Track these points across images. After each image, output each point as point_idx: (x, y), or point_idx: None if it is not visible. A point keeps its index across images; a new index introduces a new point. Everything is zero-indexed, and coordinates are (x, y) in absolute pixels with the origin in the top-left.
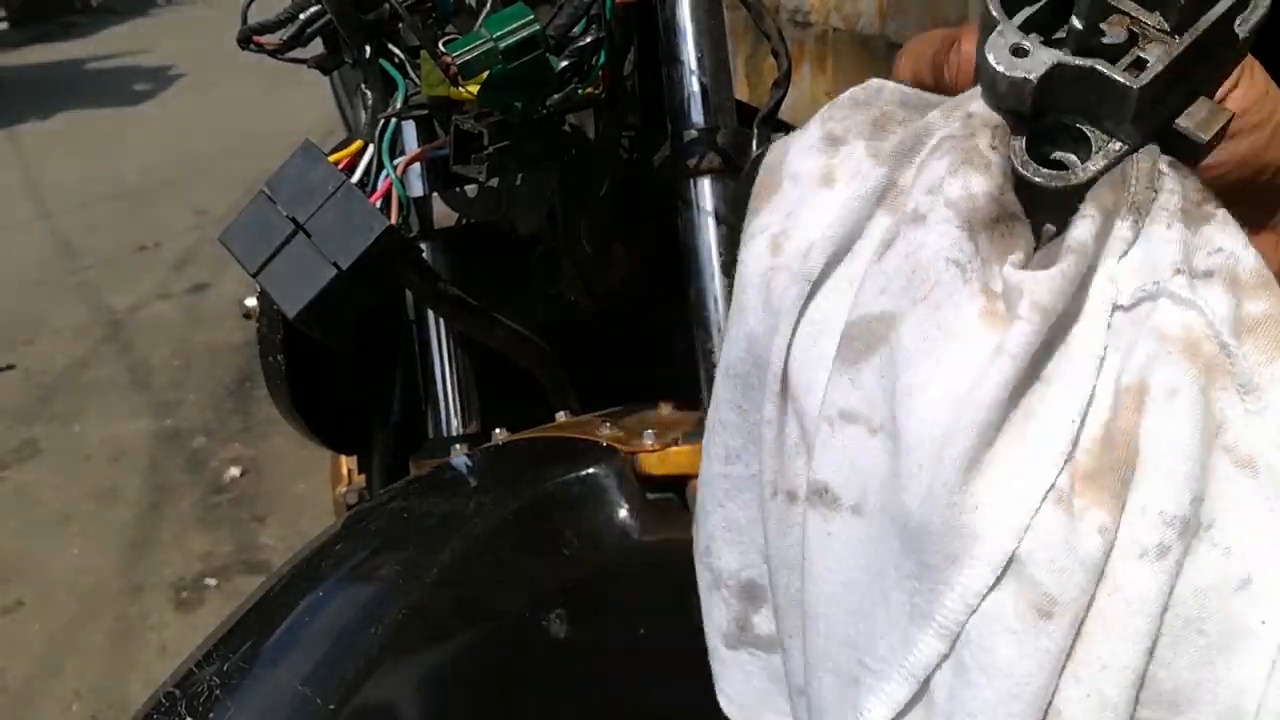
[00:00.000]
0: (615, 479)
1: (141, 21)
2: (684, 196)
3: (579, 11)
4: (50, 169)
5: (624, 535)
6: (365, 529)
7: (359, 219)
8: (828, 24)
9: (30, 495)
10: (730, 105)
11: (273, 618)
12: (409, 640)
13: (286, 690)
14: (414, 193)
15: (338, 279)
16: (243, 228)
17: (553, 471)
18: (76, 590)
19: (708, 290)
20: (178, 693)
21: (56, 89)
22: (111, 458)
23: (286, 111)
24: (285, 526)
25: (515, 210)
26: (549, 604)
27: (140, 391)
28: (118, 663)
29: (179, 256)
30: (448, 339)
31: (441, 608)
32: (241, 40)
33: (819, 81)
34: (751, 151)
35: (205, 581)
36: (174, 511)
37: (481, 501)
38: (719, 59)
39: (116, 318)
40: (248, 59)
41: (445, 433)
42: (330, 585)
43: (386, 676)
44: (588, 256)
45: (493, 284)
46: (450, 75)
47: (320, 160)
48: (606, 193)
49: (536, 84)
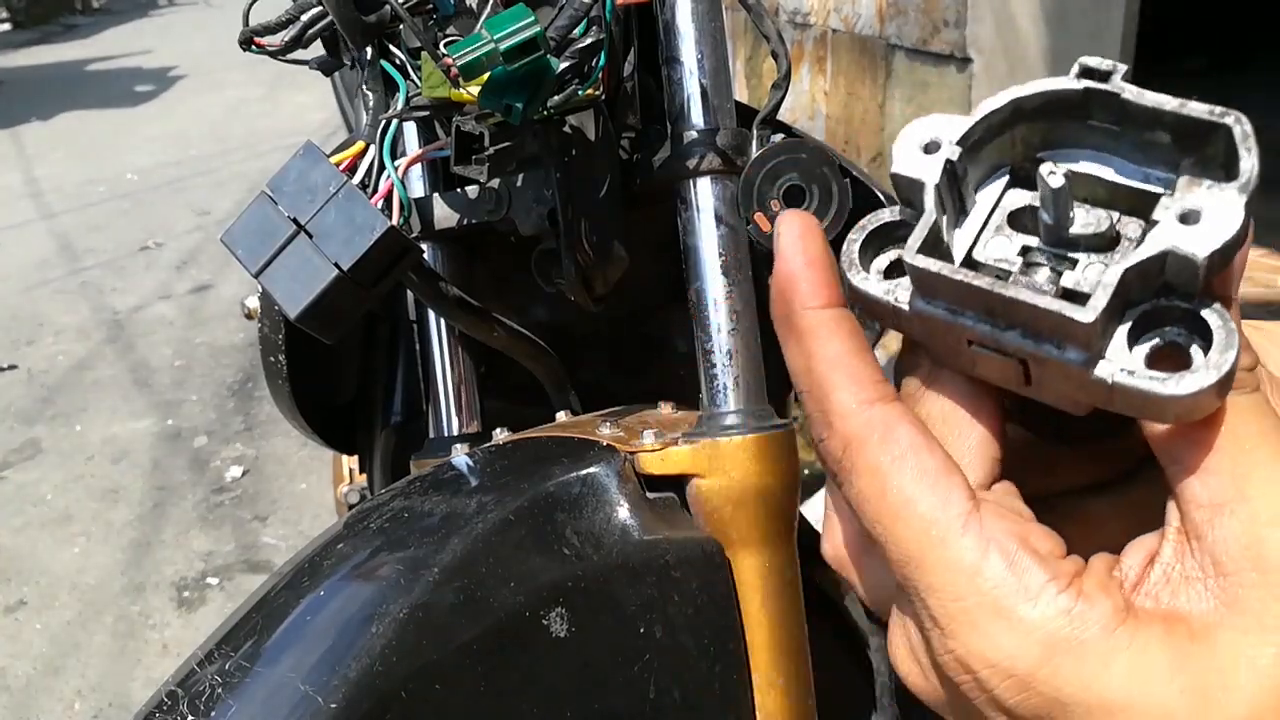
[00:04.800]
0: (615, 479)
1: (143, 23)
2: (684, 197)
3: (579, 13)
4: (52, 169)
5: (624, 535)
6: (367, 528)
7: (360, 220)
8: (827, 25)
9: (32, 495)
10: (730, 106)
11: (274, 617)
12: (410, 639)
13: (288, 689)
14: (415, 193)
15: (339, 279)
16: (244, 228)
17: (553, 471)
18: (79, 589)
19: (708, 290)
20: (180, 691)
21: (58, 90)
22: (113, 458)
23: (288, 113)
24: (287, 526)
25: (515, 210)
26: (549, 603)
27: (142, 391)
28: (120, 662)
29: (181, 257)
30: (448, 339)
31: (443, 607)
32: (243, 42)
33: (819, 82)
34: (751, 152)
35: (207, 581)
36: (176, 511)
37: (482, 501)
38: (718, 60)
39: (118, 318)
40: (249, 60)
41: (446, 432)
42: (332, 584)
43: (388, 675)
44: (588, 256)
45: (493, 284)
46: (451, 76)
47: (322, 161)
48: (606, 193)
49: (537, 85)
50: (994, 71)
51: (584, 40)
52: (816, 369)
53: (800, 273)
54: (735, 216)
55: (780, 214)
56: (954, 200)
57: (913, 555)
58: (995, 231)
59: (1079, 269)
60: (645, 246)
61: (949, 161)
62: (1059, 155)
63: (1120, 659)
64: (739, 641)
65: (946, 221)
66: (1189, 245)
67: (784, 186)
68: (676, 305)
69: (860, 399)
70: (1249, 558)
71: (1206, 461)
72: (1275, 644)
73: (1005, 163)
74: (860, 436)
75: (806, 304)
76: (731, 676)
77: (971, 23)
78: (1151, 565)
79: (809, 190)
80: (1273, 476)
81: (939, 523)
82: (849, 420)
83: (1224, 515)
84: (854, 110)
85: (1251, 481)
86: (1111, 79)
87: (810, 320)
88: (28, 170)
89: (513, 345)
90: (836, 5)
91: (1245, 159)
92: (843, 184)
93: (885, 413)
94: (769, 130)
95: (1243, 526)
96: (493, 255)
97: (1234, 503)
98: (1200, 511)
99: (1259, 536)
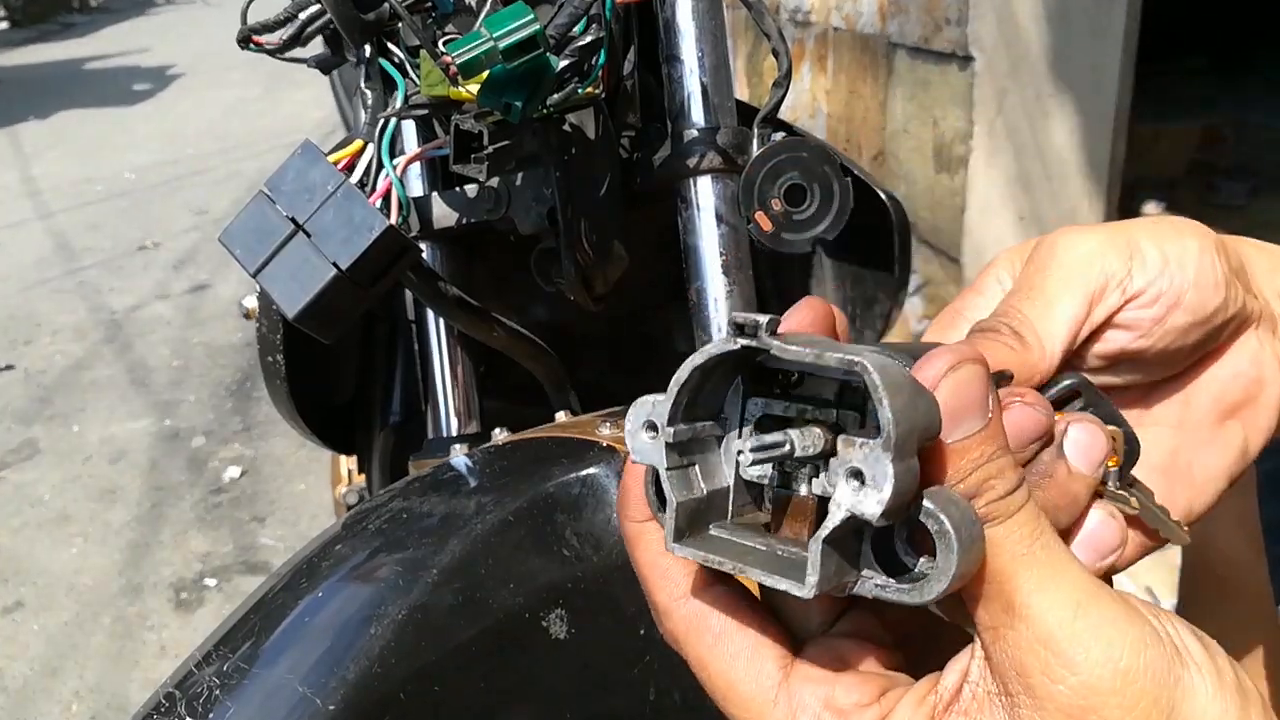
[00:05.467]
0: (615, 479)
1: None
2: (684, 196)
3: (579, 11)
4: (49, 168)
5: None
6: (365, 529)
7: (359, 219)
8: (828, 23)
9: (30, 495)
10: (730, 105)
11: (272, 618)
12: (409, 640)
13: (286, 690)
14: (414, 192)
15: (337, 279)
16: (242, 228)
17: (553, 471)
18: (76, 590)
19: (708, 290)
20: (177, 693)
21: (56, 88)
22: (111, 458)
23: (286, 111)
24: (285, 527)
25: (515, 209)
26: (549, 604)
27: (140, 392)
28: (117, 663)
29: (178, 256)
30: (448, 339)
31: (442, 608)
32: (241, 40)
33: (819, 81)
34: (752, 151)
35: (205, 582)
36: (173, 512)
37: (482, 501)
38: (719, 58)
39: (116, 318)
40: (247, 59)
41: (445, 433)
42: (330, 585)
43: (386, 677)
44: (588, 256)
45: (492, 284)
46: (450, 75)
47: (320, 160)
48: (606, 192)
49: (536, 83)
50: (995, 69)
51: (584, 38)
52: (640, 571)
53: (634, 492)
54: (736, 215)
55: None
56: (700, 449)
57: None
58: (751, 451)
59: (826, 473)
60: (645, 246)
61: (668, 443)
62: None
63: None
64: None
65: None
66: (863, 507)
67: (785, 185)
68: (676, 305)
69: (674, 596)
70: (1020, 683)
71: (981, 589)
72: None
73: (728, 382)
74: (681, 630)
75: (629, 515)
76: None
77: (973, 21)
78: (962, 685)
79: (810, 189)
80: (1030, 602)
81: (755, 699)
82: (670, 618)
83: (999, 640)
84: (855, 109)
85: (1014, 608)
86: (759, 335)
87: (630, 529)
88: (25, 169)
89: (513, 345)
90: (838, 3)
91: (880, 412)
92: (844, 183)
93: (694, 607)
94: (770, 129)
95: (1012, 651)
96: (492, 255)
97: (1004, 628)
98: (985, 634)
99: (1023, 662)
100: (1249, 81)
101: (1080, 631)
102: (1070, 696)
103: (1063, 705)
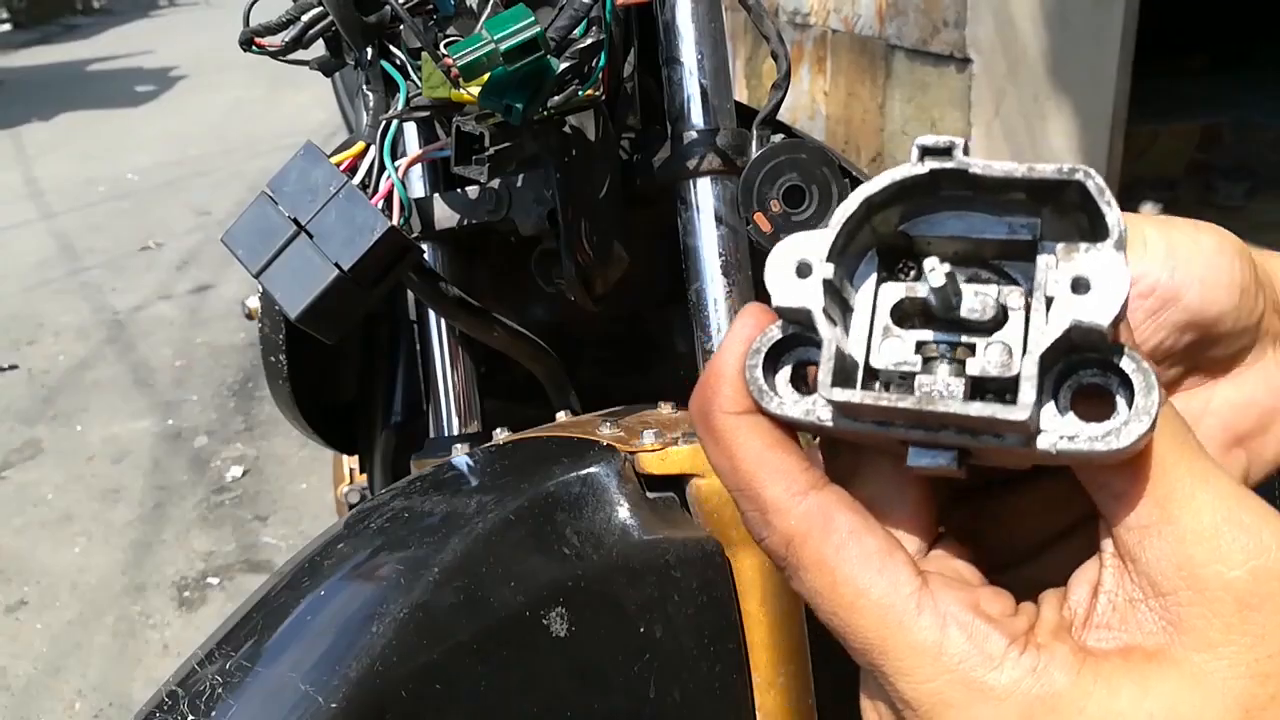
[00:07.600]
0: (615, 479)
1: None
2: (684, 197)
3: (579, 13)
4: (52, 169)
5: (624, 535)
6: (367, 528)
7: (361, 220)
8: (827, 25)
9: (33, 495)
10: (730, 106)
11: (275, 617)
12: (410, 639)
13: (288, 689)
14: (415, 194)
15: (339, 280)
16: (245, 228)
17: (553, 471)
18: (79, 589)
19: (708, 290)
20: (180, 691)
21: (59, 90)
22: (114, 458)
23: (288, 113)
24: (287, 526)
25: (515, 211)
26: (549, 603)
27: (142, 392)
28: (120, 662)
29: (181, 257)
30: (448, 339)
31: (443, 606)
32: (243, 42)
33: (818, 82)
34: (751, 152)
35: (207, 580)
36: (176, 511)
37: (482, 501)
38: (718, 60)
39: (118, 318)
40: (250, 60)
41: (446, 432)
42: (332, 584)
43: (388, 675)
44: (588, 256)
45: (493, 284)
46: (451, 77)
47: (322, 161)
48: (606, 193)
49: (537, 86)
50: (993, 71)
51: (584, 41)
52: (742, 468)
53: (730, 379)
54: (735, 216)
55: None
56: (839, 309)
57: (874, 643)
58: (884, 334)
59: (980, 354)
60: (645, 246)
61: (826, 281)
62: (919, 224)
63: (1092, 702)
64: (739, 641)
65: (839, 334)
66: (1092, 316)
67: (784, 187)
68: (676, 305)
69: (793, 491)
70: (1182, 577)
71: (1130, 486)
72: (1226, 658)
73: (868, 247)
74: (800, 531)
75: (725, 409)
76: (731, 676)
77: (971, 23)
78: (1096, 596)
79: (808, 190)
80: (1192, 494)
81: (894, 607)
82: (786, 516)
83: (1152, 537)
84: (854, 110)
85: (1174, 501)
86: (954, 154)
87: (728, 423)
88: (28, 170)
89: (513, 345)
90: (836, 6)
91: (1109, 214)
92: (842, 184)
93: (820, 501)
94: (769, 130)
95: (1171, 547)
96: (493, 256)
97: (1160, 524)
98: (1130, 534)
99: (1187, 555)
100: (1249, 81)
101: (1250, 520)
102: (1249, 582)
103: (1241, 593)
